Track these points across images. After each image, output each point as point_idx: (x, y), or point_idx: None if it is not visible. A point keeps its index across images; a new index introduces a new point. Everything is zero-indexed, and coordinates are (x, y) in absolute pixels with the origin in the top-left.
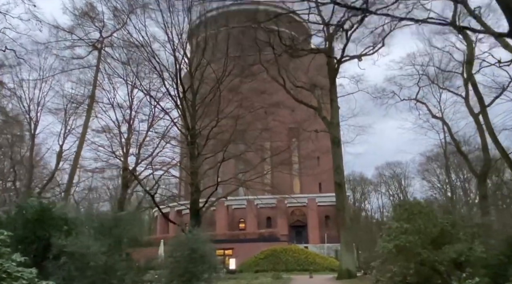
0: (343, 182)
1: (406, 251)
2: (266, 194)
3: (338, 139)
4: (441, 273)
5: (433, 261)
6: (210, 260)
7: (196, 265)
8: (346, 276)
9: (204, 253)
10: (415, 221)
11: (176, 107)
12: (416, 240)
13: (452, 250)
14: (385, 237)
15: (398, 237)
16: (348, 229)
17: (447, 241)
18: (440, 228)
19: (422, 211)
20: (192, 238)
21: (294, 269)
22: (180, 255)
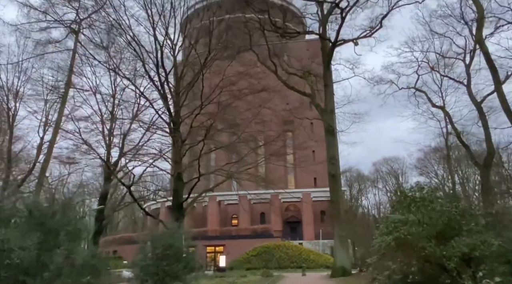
0: (337, 173)
1: (408, 245)
2: (260, 189)
3: (332, 127)
4: (449, 271)
5: (439, 256)
6: (187, 258)
7: (171, 263)
8: (340, 274)
9: (180, 249)
10: (417, 209)
11: (157, 91)
12: (420, 232)
13: (462, 244)
14: (383, 229)
15: (398, 229)
16: (343, 223)
17: (455, 233)
18: (447, 217)
19: (426, 198)
20: (168, 233)
21: (288, 266)
22: (153, 252)
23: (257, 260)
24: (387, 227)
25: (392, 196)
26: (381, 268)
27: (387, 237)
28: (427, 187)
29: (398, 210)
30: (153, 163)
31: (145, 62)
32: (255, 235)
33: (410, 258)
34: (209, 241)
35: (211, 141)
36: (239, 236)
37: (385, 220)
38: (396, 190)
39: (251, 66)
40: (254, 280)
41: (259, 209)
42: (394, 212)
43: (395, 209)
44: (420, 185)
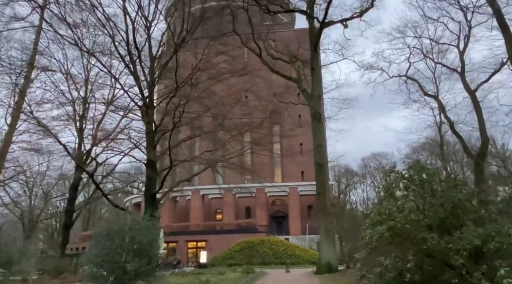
0: (324, 162)
1: (404, 236)
2: (245, 183)
3: (319, 113)
4: (456, 268)
5: (444, 250)
6: (151, 253)
7: (131, 260)
8: (325, 270)
9: (143, 244)
10: (416, 194)
11: (128, 70)
12: (420, 220)
13: (473, 234)
14: (375, 217)
15: (393, 217)
16: (330, 216)
17: (459, 223)
18: (451, 203)
19: (427, 180)
20: (127, 225)
21: (272, 262)
22: (110, 247)
23: (240, 256)
24: (379, 214)
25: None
26: (371, 265)
27: (380, 227)
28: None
29: (392, 194)
30: (128, 153)
31: (114, 39)
32: (239, 230)
33: (407, 252)
34: (191, 236)
35: (188, 127)
36: (223, 231)
37: (377, 207)
38: (391, 170)
39: (232, 47)
40: (232, 277)
41: (244, 203)
42: (388, 197)
43: (388, 193)
44: (420, 165)
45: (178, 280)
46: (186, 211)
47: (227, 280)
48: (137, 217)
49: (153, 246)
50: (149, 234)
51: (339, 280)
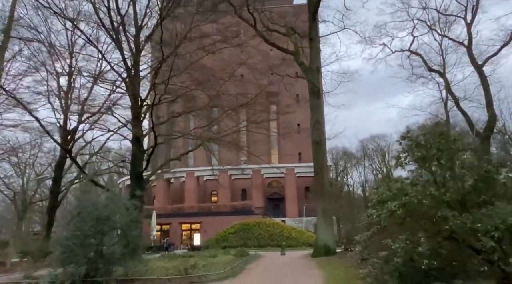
0: (322, 140)
1: (420, 215)
2: (242, 164)
3: (317, 88)
4: (485, 253)
5: (469, 231)
6: (129, 235)
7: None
8: (322, 253)
9: (120, 225)
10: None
11: (110, 38)
12: (441, 194)
13: (507, 211)
14: (383, 192)
15: (407, 191)
16: (328, 196)
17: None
18: (476, 176)
19: (448, 146)
20: (102, 203)
21: (267, 245)
22: (80, 228)
23: (235, 238)
24: (389, 189)
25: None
26: (374, 248)
27: (390, 204)
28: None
29: (404, 165)
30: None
31: (95, 4)
32: (235, 212)
33: (421, 233)
34: (185, 218)
35: (179, 104)
36: (218, 213)
37: (386, 181)
38: (404, 136)
39: (224, 14)
40: (223, 260)
41: (240, 185)
42: (398, 168)
43: (399, 163)
44: (440, 129)
45: (165, 263)
46: (181, 193)
47: (217, 264)
48: (113, 195)
49: (131, 227)
50: (127, 214)
51: (337, 263)
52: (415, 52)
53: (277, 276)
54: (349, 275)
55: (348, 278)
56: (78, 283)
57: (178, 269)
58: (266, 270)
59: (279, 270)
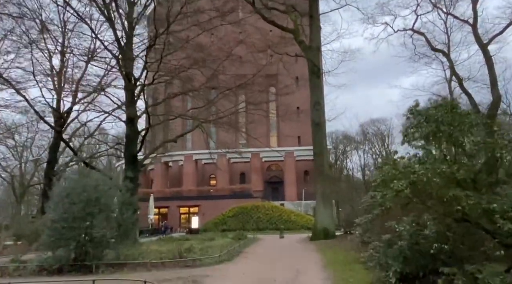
0: (322, 121)
1: (429, 194)
2: (241, 147)
3: (317, 67)
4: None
5: (484, 213)
6: (119, 218)
7: (95, 225)
8: (322, 236)
9: (111, 206)
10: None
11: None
12: (454, 172)
13: None
14: (388, 171)
15: (415, 169)
16: (327, 179)
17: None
18: (489, 153)
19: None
20: (92, 185)
21: (266, 228)
22: (69, 210)
23: (233, 222)
24: (395, 167)
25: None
26: (376, 230)
27: (397, 183)
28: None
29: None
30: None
31: None
32: (233, 196)
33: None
34: (184, 201)
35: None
36: (216, 197)
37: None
38: (412, 110)
39: None
40: (220, 244)
41: (239, 168)
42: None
43: (407, 139)
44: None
45: (160, 247)
46: (179, 176)
47: (214, 247)
48: (104, 177)
49: (123, 209)
50: (118, 196)
51: (337, 247)
52: (418, 31)
53: (275, 260)
54: (349, 259)
55: (348, 262)
56: (67, 267)
57: (173, 252)
58: (263, 254)
59: (277, 253)
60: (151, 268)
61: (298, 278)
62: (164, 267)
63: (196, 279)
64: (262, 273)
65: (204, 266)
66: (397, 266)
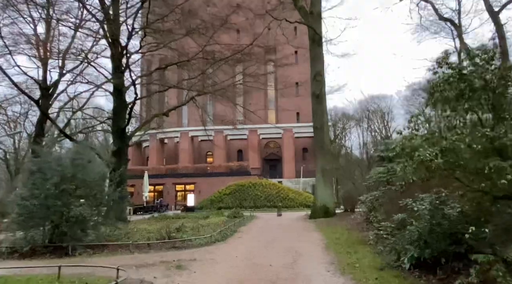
0: (322, 93)
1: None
2: (238, 124)
3: (319, 35)
4: None
5: None
6: (98, 195)
7: (72, 203)
8: (321, 214)
9: (91, 183)
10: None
11: None
12: (495, 137)
13: None
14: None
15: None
16: (327, 154)
17: None
18: None
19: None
20: (68, 158)
21: (264, 206)
22: (41, 186)
23: (230, 199)
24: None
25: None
26: (383, 209)
27: (423, 151)
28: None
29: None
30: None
31: None
32: (230, 173)
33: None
34: (180, 179)
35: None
36: (213, 174)
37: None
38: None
39: None
40: (215, 222)
41: (236, 146)
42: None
43: (435, 99)
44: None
45: (149, 226)
46: (175, 154)
47: (207, 226)
48: (82, 149)
49: (102, 185)
50: (98, 171)
51: (337, 226)
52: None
53: (272, 240)
54: (352, 239)
55: (352, 243)
56: (40, 248)
57: (161, 232)
58: (259, 233)
59: (274, 233)
60: (134, 250)
61: (297, 262)
62: (149, 248)
63: (182, 263)
64: (257, 257)
65: (194, 248)
66: (415, 251)
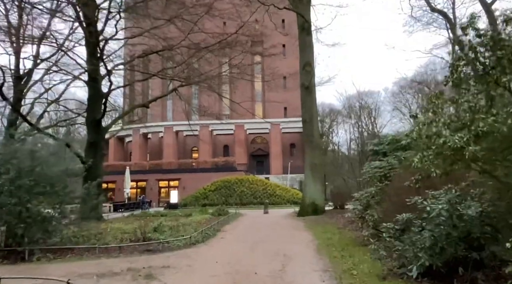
0: (312, 84)
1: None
2: (224, 119)
3: (308, 23)
4: None
5: None
6: (61, 193)
7: (28, 198)
8: (310, 211)
9: (49, 178)
10: None
11: None
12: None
13: None
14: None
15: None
16: (317, 149)
17: None
18: None
19: None
20: (26, 151)
21: (250, 203)
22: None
23: (215, 196)
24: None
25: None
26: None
27: (451, 136)
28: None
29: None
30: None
31: None
32: (216, 169)
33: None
34: (163, 174)
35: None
36: (198, 170)
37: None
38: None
39: None
40: (198, 220)
41: (222, 141)
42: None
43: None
44: None
45: (125, 225)
46: (159, 149)
47: (189, 225)
48: (44, 140)
49: (65, 181)
50: (63, 165)
51: (328, 224)
52: None
53: (258, 241)
54: (345, 240)
55: (346, 244)
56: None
57: (136, 233)
58: (245, 233)
59: (260, 232)
60: (103, 254)
61: (286, 269)
62: (120, 252)
63: (152, 271)
64: (241, 262)
65: (170, 251)
66: (429, 259)
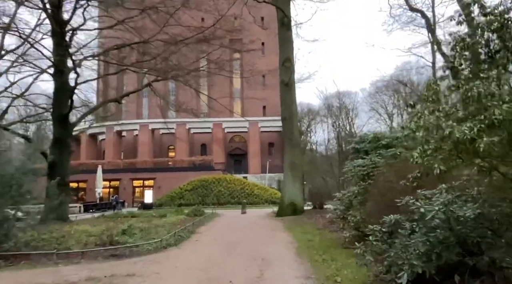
0: (292, 80)
1: None
2: (201, 117)
3: (288, 18)
4: None
5: None
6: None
7: None
8: (289, 212)
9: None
10: None
11: None
12: None
13: None
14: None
15: None
16: (296, 148)
17: None
18: None
19: None
20: None
21: (228, 202)
22: None
23: (191, 196)
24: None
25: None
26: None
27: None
28: None
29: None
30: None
31: None
32: (193, 168)
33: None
34: (138, 174)
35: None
36: (174, 169)
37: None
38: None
39: None
40: (172, 221)
41: (200, 139)
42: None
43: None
44: None
45: (92, 227)
46: (134, 147)
47: (162, 226)
48: None
49: (21, 181)
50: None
51: (307, 225)
52: None
53: (234, 243)
54: (326, 241)
55: (327, 246)
56: None
57: (102, 236)
58: (221, 235)
59: (237, 234)
60: (62, 260)
61: (265, 275)
62: (82, 258)
63: (114, 281)
64: (215, 268)
65: (138, 256)
66: (422, 266)
